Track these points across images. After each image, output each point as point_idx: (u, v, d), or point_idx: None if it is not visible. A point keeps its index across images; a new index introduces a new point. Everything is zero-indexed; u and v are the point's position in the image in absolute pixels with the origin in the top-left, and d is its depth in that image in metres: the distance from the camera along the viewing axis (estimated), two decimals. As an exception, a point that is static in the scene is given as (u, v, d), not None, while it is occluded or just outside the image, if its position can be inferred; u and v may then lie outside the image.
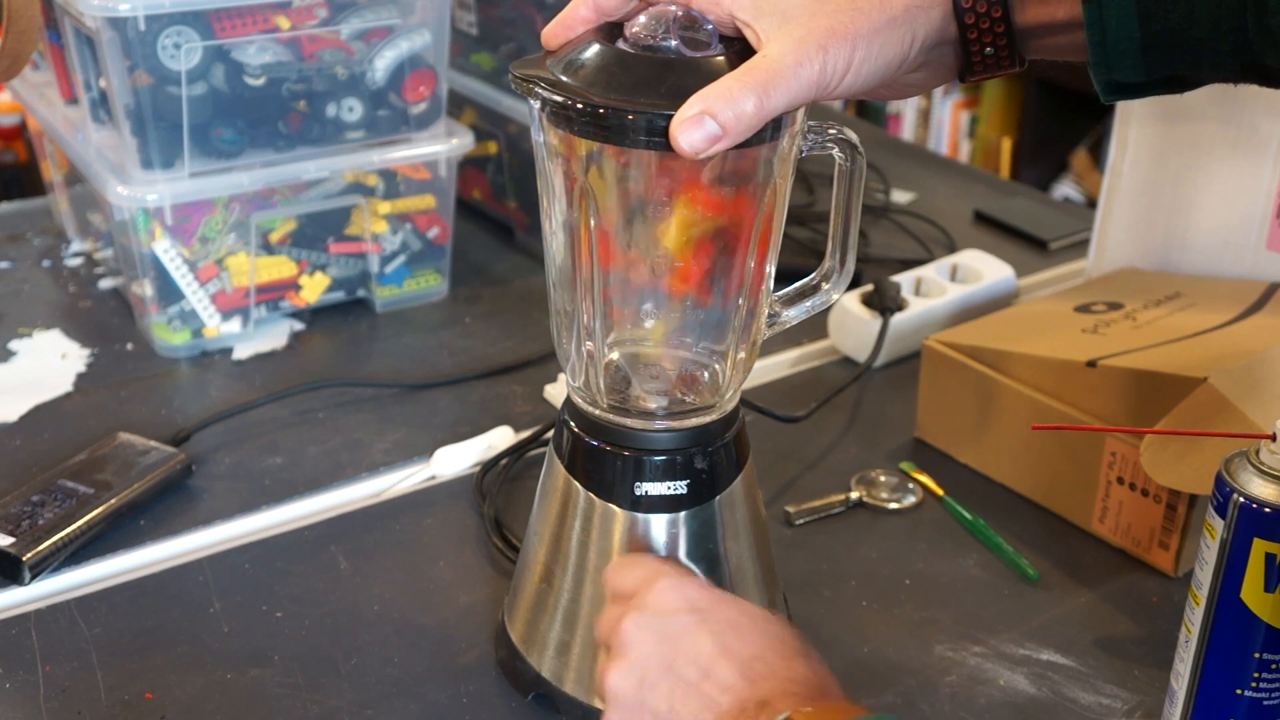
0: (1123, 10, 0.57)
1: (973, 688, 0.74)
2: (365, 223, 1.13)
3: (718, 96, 0.55)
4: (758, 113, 0.56)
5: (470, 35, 1.27)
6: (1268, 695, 0.62)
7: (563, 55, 0.61)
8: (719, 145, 0.56)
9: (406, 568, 0.84)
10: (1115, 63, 0.59)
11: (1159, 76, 0.59)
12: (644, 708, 0.58)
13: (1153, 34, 0.57)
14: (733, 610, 0.60)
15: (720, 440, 0.68)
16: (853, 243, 0.68)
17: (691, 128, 0.55)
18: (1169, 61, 0.58)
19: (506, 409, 1.02)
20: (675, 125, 0.56)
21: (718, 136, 0.56)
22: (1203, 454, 0.75)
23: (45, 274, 1.23)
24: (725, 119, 0.55)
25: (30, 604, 0.80)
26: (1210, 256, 1.01)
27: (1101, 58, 0.59)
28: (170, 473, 0.90)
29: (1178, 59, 0.58)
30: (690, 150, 0.56)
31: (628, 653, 0.59)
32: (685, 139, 0.55)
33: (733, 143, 0.56)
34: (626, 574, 0.64)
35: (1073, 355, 0.85)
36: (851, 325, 1.08)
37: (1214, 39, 0.57)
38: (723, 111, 0.55)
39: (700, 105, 0.55)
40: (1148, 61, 0.58)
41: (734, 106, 0.55)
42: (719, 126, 0.55)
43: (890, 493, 0.91)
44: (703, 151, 0.56)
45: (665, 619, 0.60)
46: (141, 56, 0.97)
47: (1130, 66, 0.59)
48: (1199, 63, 0.59)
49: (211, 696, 0.73)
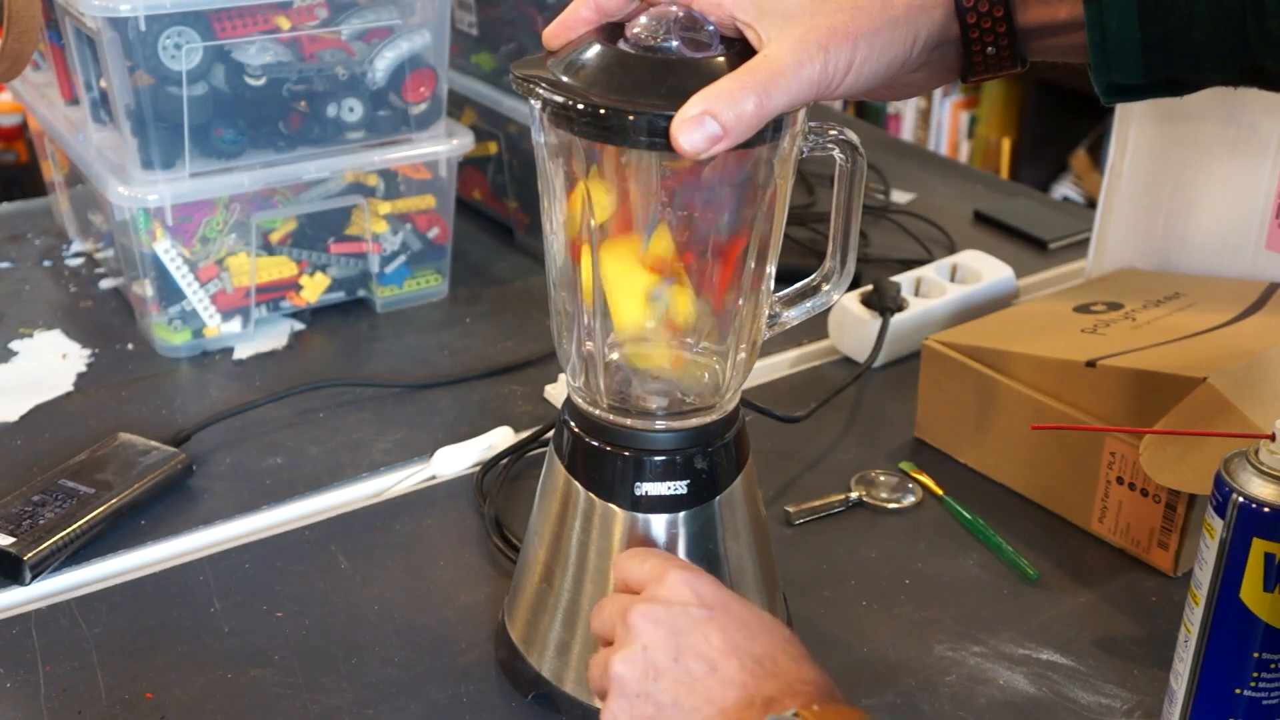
0: (1123, 11, 0.57)
1: (973, 688, 0.74)
2: (365, 223, 1.13)
3: (719, 96, 0.55)
4: (758, 112, 0.56)
5: (470, 35, 1.27)
6: (1267, 695, 0.62)
7: (564, 56, 0.61)
8: (720, 145, 0.56)
9: (406, 568, 0.84)
10: (1115, 64, 0.59)
11: (1158, 78, 0.59)
12: (647, 698, 0.58)
13: (1153, 35, 0.58)
14: (743, 609, 0.60)
15: (720, 440, 0.68)
16: (853, 244, 0.68)
17: (692, 128, 0.55)
18: (1168, 63, 0.59)
19: (506, 409, 1.02)
20: (676, 125, 0.56)
21: (718, 137, 0.55)
22: (1202, 454, 0.75)
23: (46, 274, 1.23)
24: (726, 119, 0.55)
25: (30, 604, 0.80)
26: (1210, 256, 1.01)
27: (1102, 59, 0.59)
28: (170, 473, 0.90)
29: (1177, 61, 0.59)
30: (691, 150, 0.56)
31: (634, 641, 0.59)
32: (686, 139, 0.55)
33: (733, 143, 0.56)
34: (637, 565, 0.64)
35: (1072, 355, 0.85)
36: (851, 325, 1.08)
37: (1213, 41, 0.57)
38: (724, 112, 0.55)
39: (701, 105, 0.55)
40: (1147, 63, 0.59)
41: (735, 107, 0.55)
42: (720, 127, 0.55)
43: (890, 493, 0.91)
44: (703, 152, 0.56)
45: (675, 611, 0.59)
46: (142, 57, 0.97)
47: (1130, 68, 0.59)
48: (1198, 65, 0.59)
49: (212, 696, 0.73)
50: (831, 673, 0.57)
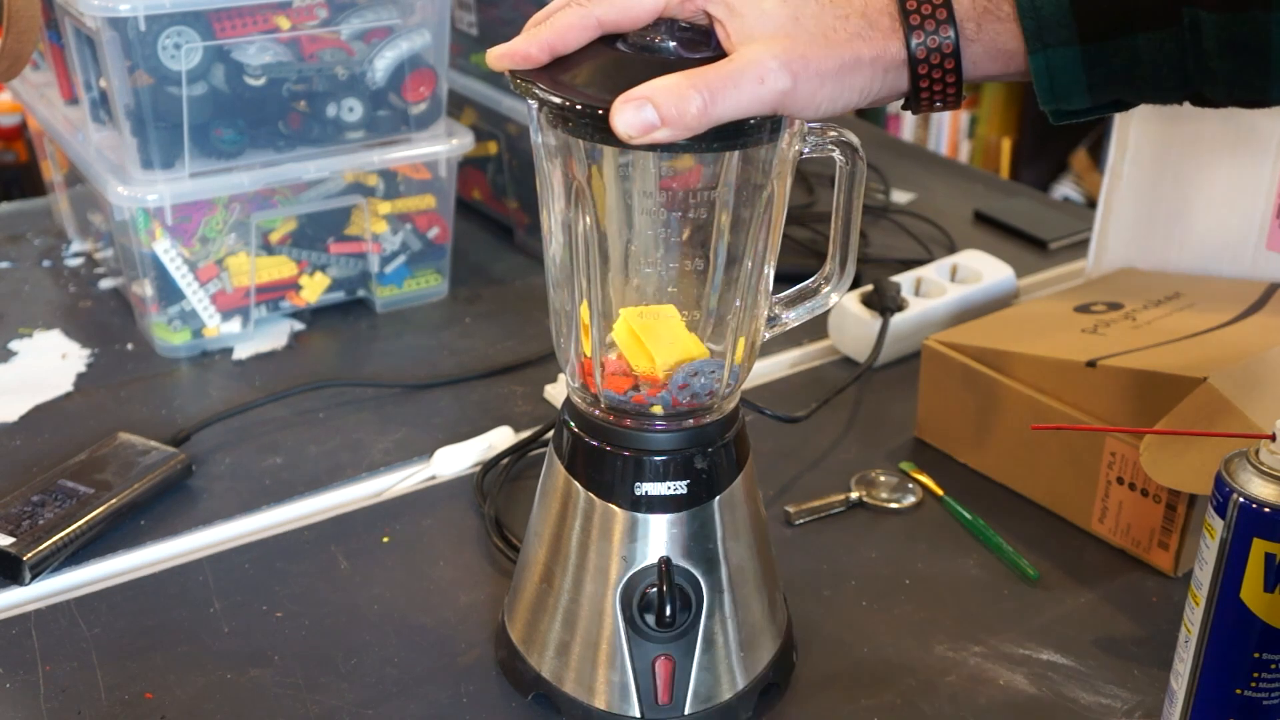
0: (1068, 59, 0.59)
1: (973, 688, 0.74)
2: (365, 223, 1.13)
3: (665, 90, 0.55)
4: (701, 115, 0.55)
5: (470, 35, 1.27)
6: (1267, 695, 0.62)
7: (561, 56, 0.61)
8: (657, 135, 0.55)
9: (406, 568, 0.84)
10: (1063, 99, 0.60)
11: (1105, 102, 0.61)
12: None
13: (1098, 76, 0.59)
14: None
15: (720, 441, 0.68)
16: (853, 246, 0.68)
17: (629, 110, 0.55)
18: (1114, 94, 0.61)
19: (506, 409, 1.02)
20: (615, 105, 0.55)
21: (653, 125, 0.55)
22: (1202, 454, 0.75)
23: (45, 274, 1.23)
24: (667, 112, 0.55)
25: (30, 604, 0.80)
26: (1210, 256, 1.01)
27: (1050, 98, 0.60)
28: (170, 473, 0.90)
29: (1124, 92, 0.60)
30: (623, 132, 0.55)
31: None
32: (620, 119, 0.55)
33: (674, 137, 0.55)
34: None
35: (1073, 355, 0.85)
36: (851, 325, 1.08)
37: (1156, 78, 0.59)
38: (665, 105, 0.55)
39: (645, 92, 0.55)
40: (1094, 97, 0.60)
41: (678, 103, 0.55)
42: (658, 117, 0.55)
43: (890, 493, 0.91)
44: (636, 137, 0.55)
45: None
46: (142, 57, 0.97)
47: (1078, 102, 0.60)
48: (1142, 96, 0.61)
49: (211, 696, 0.73)
50: (831, 673, 0.57)
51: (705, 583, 0.68)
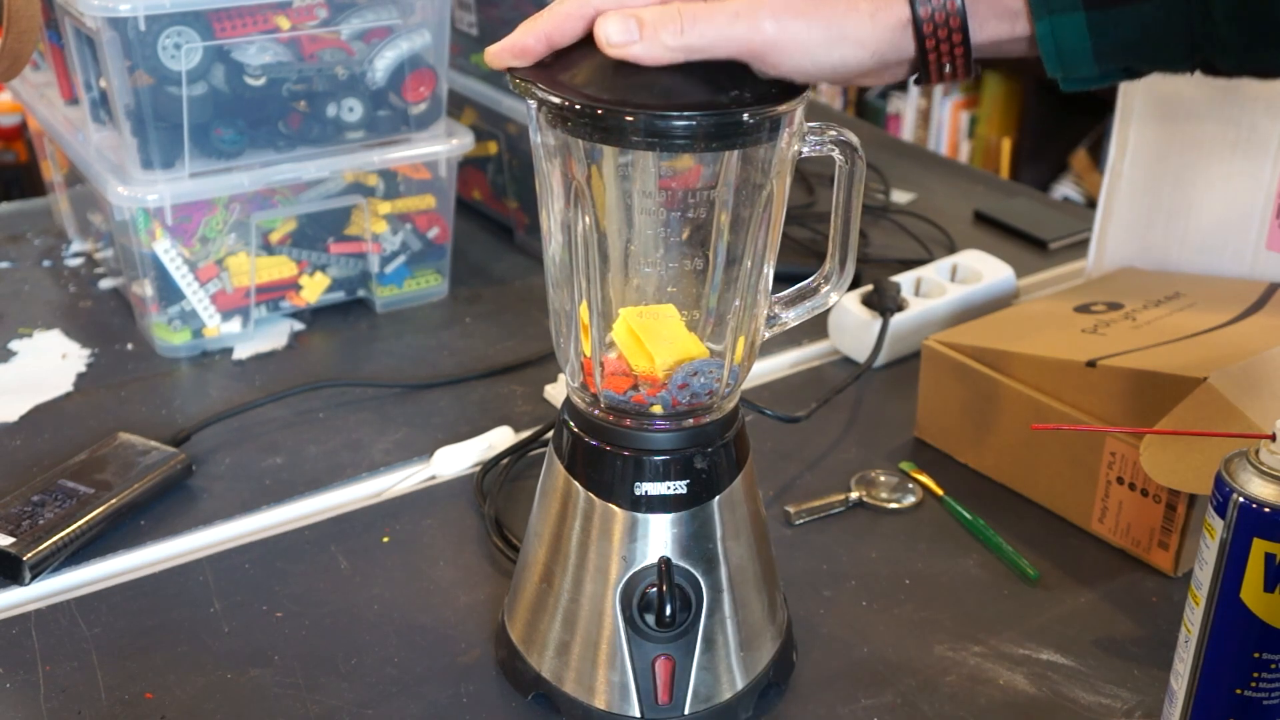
0: (1074, 25, 0.59)
1: (973, 688, 0.74)
2: (365, 223, 1.13)
3: (651, 11, 0.58)
4: (676, 37, 0.57)
5: (470, 35, 1.27)
6: (1267, 695, 0.62)
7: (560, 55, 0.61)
8: (632, 49, 0.57)
9: (406, 568, 0.84)
10: (1070, 68, 0.61)
11: (1115, 69, 0.61)
12: None
13: (1104, 44, 0.60)
14: None
15: (720, 440, 0.68)
16: (853, 246, 0.68)
17: (614, 21, 0.58)
18: (1122, 62, 0.61)
19: (506, 409, 1.02)
20: (604, 16, 0.58)
21: (632, 40, 0.57)
22: (1202, 454, 0.75)
23: (45, 274, 1.23)
24: (646, 30, 0.57)
25: (30, 604, 0.80)
26: (1210, 256, 1.01)
27: (1056, 65, 0.61)
28: (170, 473, 0.90)
29: (1131, 59, 0.61)
30: (603, 39, 0.57)
31: None
32: (603, 28, 0.58)
33: (648, 53, 0.57)
34: None
35: (1073, 355, 0.85)
36: (851, 325, 1.08)
37: (1164, 45, 0.60)
38: (648, 24, 0.57)
39: (632, 10, 0.58)
40: (1101, 66, 0.61)
41: (657, 24, 0.57)
42: (638, 34, 0.57)
43: (890, 493, 0.91)
44: (615, 47, 0.57)
45: None
46: (141, 57, 0.97)
47: (1085, 70, 0.61)
48: (1151, 64, 0.61)
49: (211, 696, 0.73)
50: (831, 673, 0.57)
51: (705, 582, 0.68)
